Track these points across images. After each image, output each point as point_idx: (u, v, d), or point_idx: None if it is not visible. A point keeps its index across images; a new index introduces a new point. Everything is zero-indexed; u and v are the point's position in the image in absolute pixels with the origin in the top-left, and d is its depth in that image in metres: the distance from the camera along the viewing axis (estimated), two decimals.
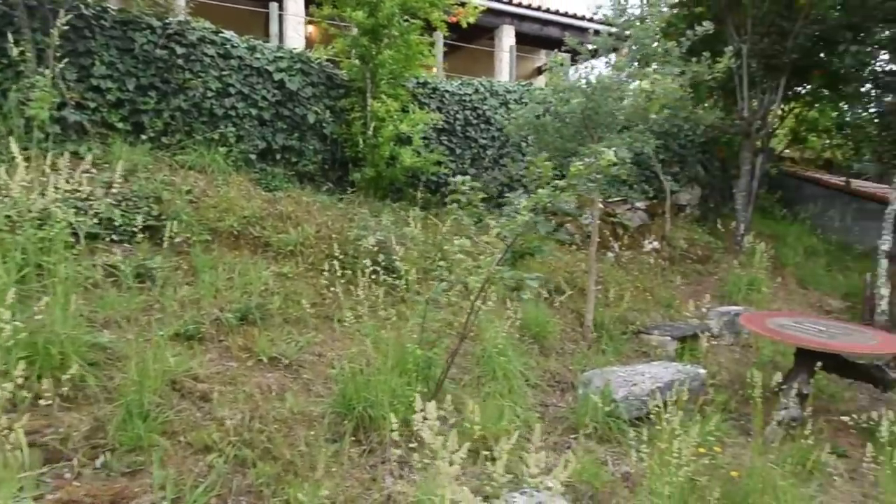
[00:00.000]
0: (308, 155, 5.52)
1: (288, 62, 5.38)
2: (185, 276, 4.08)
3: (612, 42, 4.86)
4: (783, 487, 3.35)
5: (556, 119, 4.82)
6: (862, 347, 4.32)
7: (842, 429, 4.51)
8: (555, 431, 4.04)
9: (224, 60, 5.10)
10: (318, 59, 5.58)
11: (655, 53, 4.75)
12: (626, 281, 6.74)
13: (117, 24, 4.75)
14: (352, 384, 3.46)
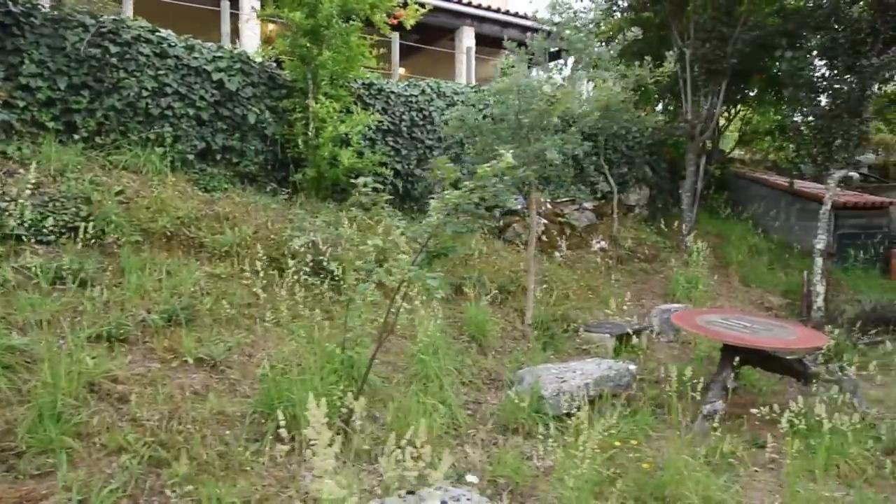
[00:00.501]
0: (249, 155, 5.51)
1: (227, 62, 5.36)
2: (113, 278, 4.04)
3: (546, 45, 4.95)
4: (696, 478, 3.48)
5: (493, 121, 4.90)
6: (780, 343, 4.50)
7: (769, 421, 4.69)
8: (483, 428, 4.13)
9: (160, 60, 5.06)
10: (260, 59, 5.57)
11: (590, 58, 4.85)
12: (572, 280, 6.88)
13: (48, 21, 4.68)
14: (275, 384, 3.49)
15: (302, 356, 3.85)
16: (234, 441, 3.21)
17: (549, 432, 3.95)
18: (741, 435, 4.57)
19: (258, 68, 5.56)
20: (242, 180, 5.54)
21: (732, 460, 4.05)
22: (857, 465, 4.10)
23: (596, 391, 4.44)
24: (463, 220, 3.08)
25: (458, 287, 5.77)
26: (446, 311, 5.49)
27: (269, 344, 4.11)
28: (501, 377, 4.84)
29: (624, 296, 7.11)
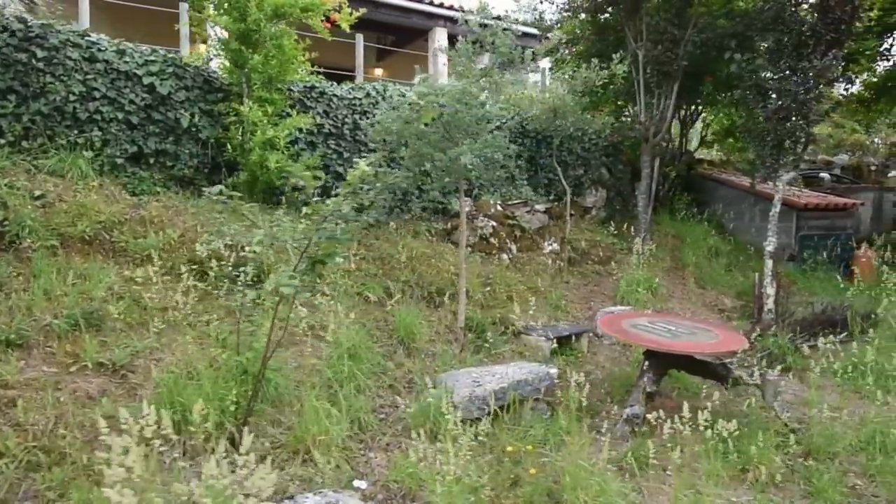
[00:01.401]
0: (184, 159, 5.53)
1: (160, 66, 5.38)
2: (23, 283, 4.07)
3: (470, 49, 4.96)
4: (595, 483, 3.49)
5: (422, 125, 4.91)
6: (698, 346, 4.50)
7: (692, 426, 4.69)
8: (391, 432, 4.14)
9: (89, 64, 5.08)
10: (194, 62, 5.59)
11: (513, 61, 4.86)
12: (518, 282, 6.88)
13: None
14: (168, 389, 3.51)
15: (208, 360, 3.88)
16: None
17: (451, 436, 3.97)
18: (662, 439, 4.60)
19: (193, 72, 5.57)
20: (178, 184, 5.56)
21: (645, 465, 4.07)
22: (770, 469, 4.11)
23: (513, 395, 4.45)
24: (340, 227, 3.09)
25: (394, 290, 5.78)
26: (378, 313, 5.52)
27: (179, 348, 4.13)
28: (424, 381, 4.85)
29: (574, 298, 7.19)
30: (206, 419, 3.48)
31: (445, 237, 7.11)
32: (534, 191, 7.91)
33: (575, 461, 3.71)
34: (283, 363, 4.31)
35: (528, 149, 7.90)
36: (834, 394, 5.45)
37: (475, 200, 7.36)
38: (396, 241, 6.40)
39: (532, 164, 7.97)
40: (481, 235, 7.06)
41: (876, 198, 11.87)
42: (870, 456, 4.25)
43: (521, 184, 7.69)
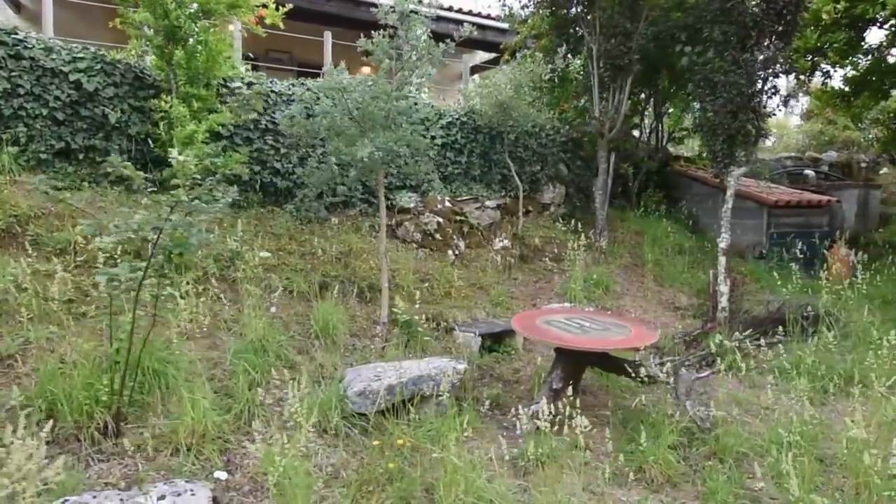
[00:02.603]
0: (114, 154, 5.60)
1: (88, 63, 5.46)
2: None
3: (387, 45, 4.94)
4: (473, 478, 3.45)
5: (331, 117, 4.91)
6: (604, 343, 4.43)
7: (599, 421, 4.63)
8: (279, 425, 4.15)
9: (15, 61, 5.18)
10: (126, 59, 5.67)
11: (430, 54, 4.83)
12: (460, 279, 6.85)
13: None
14: (47, 377, 3.57)
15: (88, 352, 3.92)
16: None
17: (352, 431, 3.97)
18: (571, 437, 4.54)
19: (123, 68, 5.65)
20: (108, 180, 5.65)
21: (540, 462, 4.01)
22: (666, 469, 4.04)
23: (412, 390, 4.42)
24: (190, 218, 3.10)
25: (323, 285, 5.79)
26: (301, 308, 5.53)
27: (78, 339, 4.19)
28: (335, 375, 4.86)
29: (520, 295, 7.13)
30: (79, 409, 3.55)
31: (390, 233, 7.10)
32: (487, 187, 7.86)
33: (457, 456, 3.66)
34: (182, 355, 4.35)
35: (481, 144, 7.85)
36: (768, 393, 5.33)
37: (423, 196, 7.34)
38: (332, 236, 6.42)
39: (485, 160, 7.91)
40: (425, 231, 7.03)
41: (861, 195, 11.55)
42: (775, 457, 4.14)
43: (470, 180, 7.64)
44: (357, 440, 4.06)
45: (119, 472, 3.37)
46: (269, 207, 6.44)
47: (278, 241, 6.00)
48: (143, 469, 3.40)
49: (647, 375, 4.68)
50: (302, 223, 6.43)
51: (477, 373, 5.54)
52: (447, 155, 7.63)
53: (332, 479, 3.69)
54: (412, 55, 4.81)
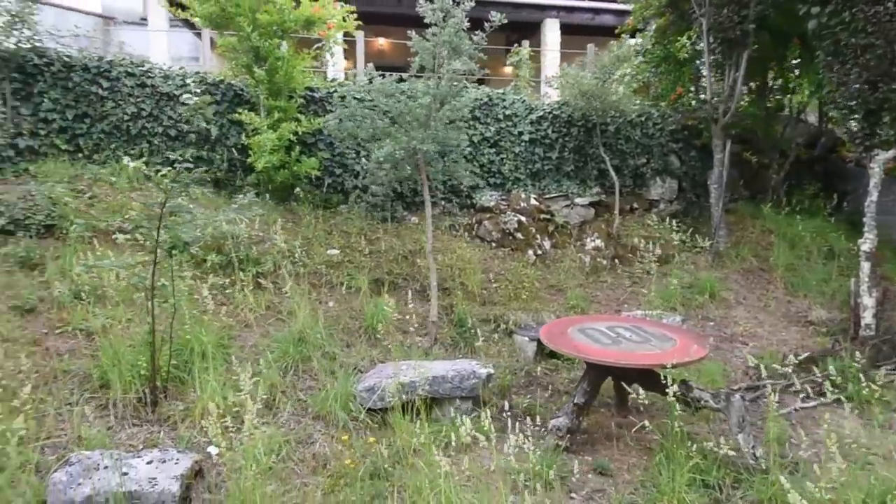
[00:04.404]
0: (217, 163, 6.45)
1: (196, 85, 6.36)
2: (58, 261, 5.25)
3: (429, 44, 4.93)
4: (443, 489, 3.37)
5: (371, 120, 5.07)
6: (632, 356, 3.91)
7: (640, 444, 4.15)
8: (299, 413, 4.38)
9: (140, 89, 6.25)
10: (225, 78, 6.48)
11: (457, 49, 4.72)
12: (538, 280, 6.52)
13: (63, 68, 6.15)
14: (106, 353, 4.27)
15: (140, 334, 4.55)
16: (53, 395, 4.05)
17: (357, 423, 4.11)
18: (593, 456, 4.12)
19: (224, 87, 6.46)
20: (215, 185, 6.51)
21: (547, 482, 3.73)
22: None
23: (427, 391, 4.36)
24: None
25: (383, 282, 5.97)
26: (356, 304, 5.75)
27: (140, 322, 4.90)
28: (368, 370, 4.99)
29: (602, 299, 6.57)
30: (125, 381, 4.17)
31: (470, 231, 7.04)
32: (582, 183, 7.37)
33: (452, 464, 3.54)
34: (236, 340, 4.87)
35: (575, 138, 7.38)
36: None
37: (507, 193, 7.14)
38: (405, 234, 6.58)
39: (580, 154, 7.42)
40: (504, 230, 6.84)
41: None
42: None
43: (563, 176, 7.23)
44: (361, 434, 4.15)
45: (143, 437, 3.89)
46: (342, 206, 6.80)
47: (348, 238, 6.34)
48: (161, 437, 3.90)
49: (695, 399, 4.03)
50: (377, 222, 6.70)
51: (525, 379, 5.26)
52: (535, 151, 7.33)
53: (320, 467, 3.83)
54: (443, 51, 4.74)
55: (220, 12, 5.89)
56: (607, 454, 4.21)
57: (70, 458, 3.34)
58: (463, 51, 4.74)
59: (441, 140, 4.82)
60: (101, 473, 3.19)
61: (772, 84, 7.86)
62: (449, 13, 4.87)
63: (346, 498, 3.46)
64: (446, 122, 4.91)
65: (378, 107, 4.95)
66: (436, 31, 4.88)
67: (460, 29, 4.71)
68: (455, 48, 4.74)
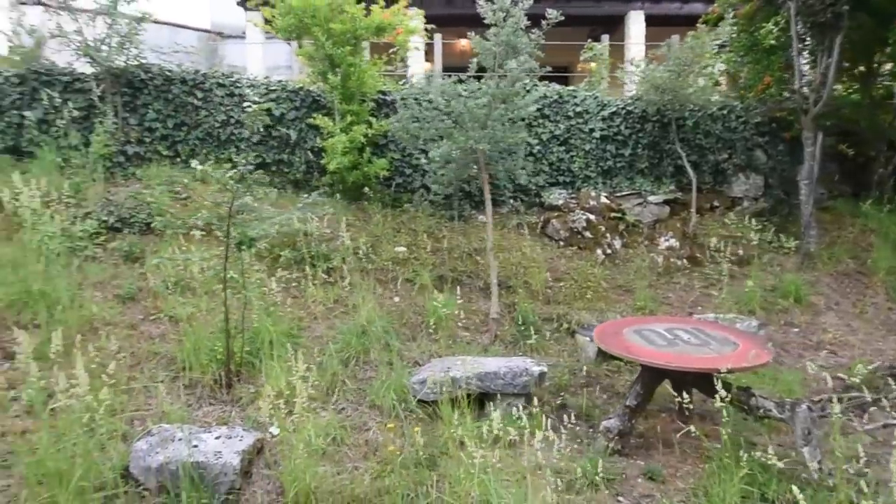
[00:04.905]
0: (296, 165, 6.89)
1: (278, 93, 6.82)
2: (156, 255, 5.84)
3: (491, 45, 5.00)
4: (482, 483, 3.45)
5: (433, 121, 5.22)
6: (679, 359, 3.77)
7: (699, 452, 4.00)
8: (357, 401, 4.60)
9: (230, 98, 6.80)
10: (304, 85, 6.90)
11: (515, 48, 4.76)
12: (605, 280, 6.37)
13: (164, 81, 6.83)
14: (188, 338, 4.72)
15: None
16: (143, 373, 4.54)
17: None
18: (646, 461, 4.02)
19: (303, 94, 6.88)
20: (294, 186, 6.96)
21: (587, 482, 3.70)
22: None
23: (478, 386, 4.43)
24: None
25: (447, 279, 6.10)
26: (419, 300, 5.91)
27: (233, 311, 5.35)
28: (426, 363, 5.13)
29: (673, 301, 6.31)
30: (203, 365, 4.59)
31: (540, 230, 7.01)
32: (656, 181, 7.11)
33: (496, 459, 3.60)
34: (305, 331, 5.20)
35: (649, 134, 7.12)
36: None
37: (577, 192, 7.04)
38: (472, 233, 6.66)
39: (655, 150, 7.15)
40: (573, 229, 6.75)
41: None
42: None
43: (636, 174, 7.02)
44: (412, 424, 4.30)
45: (216, 415, 4.27)
46: (408, 205, 7.00)
47: (415, 236, 6.53)
48: (232, 416, 4.26)
49: (757, 407, 3.82)
50: (445, 220, 6.85)
51: (584, 380, 5.19)
52: (607, 148, 7.16)
53: (371, 453, 4.02)
54: (502, 50, 4.80)
55: (298, 24, 6.28)
56: (662, 460, 4.09)
57: (151, 430, 3.75)
58: (521, 50, 4.76)
59: (499, 139, 4.87)
60: (175, 445, 3.54)
61: (878, 69, 7.16)
62: (509, 13, 4.91)
63: (391, 483, 3.61)
64: (505, 121, 4.95)
65: (438, 108, 5.08)
66: (496, 31, 4.94)
67: (518, 28, 4.73)
68: (513, 47, 4.77)
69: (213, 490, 3.41)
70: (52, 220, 5.51)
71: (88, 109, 6.64)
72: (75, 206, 6.03)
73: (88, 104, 6.61)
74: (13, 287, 4.97)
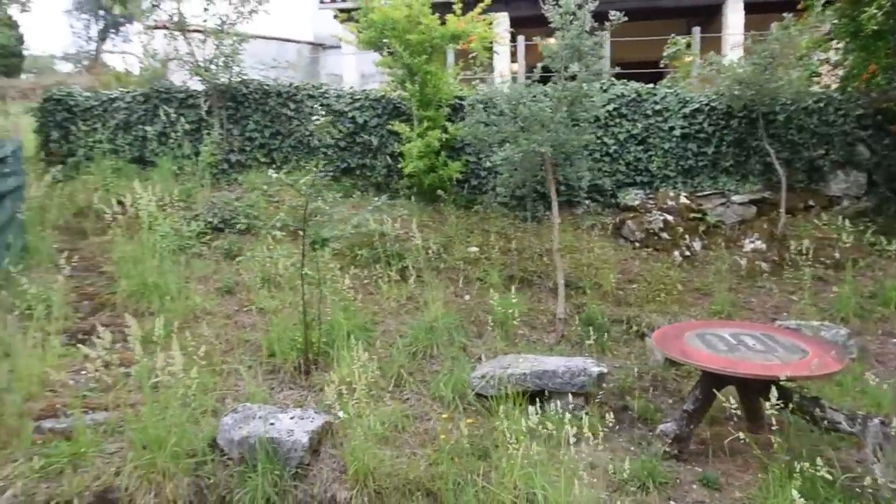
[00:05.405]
0: (378, 169, 7.31)
1: (361, 102, 7.27)
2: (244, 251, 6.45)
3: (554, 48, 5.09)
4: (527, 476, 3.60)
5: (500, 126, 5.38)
6: (736, 365, 3.66)
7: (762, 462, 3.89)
8: (420, 392, 4.84)
9: (319, 108, 7.35)
10: (385, 94, 7.30)
11: (579, 50, 4.81)
12: (682, 282, 6.18)
13: (262, 95, 7.52)
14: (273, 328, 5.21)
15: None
16: (235, 358, 5.08)
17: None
18: (704, 467, 3.96)
19: (385, 102, 7.28)
20: (376, 188, 7.39)
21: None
22: None
23: (535, 383, 4.53)
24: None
25: (517, 279, 6.21)
26: (488, 298, 6.05)
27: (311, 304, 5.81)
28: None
29: (755, 306, 6.01)
30: (284, 352, 5.06)
31: (615, 231, 6.92)
32: (742, 179, 6.78)
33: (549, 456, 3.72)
34: (379, 325, 5.56)
35: (735, 130, 6.80)
36: None
37: (655, 192, 6.88)
38: (545, 234, 6.71)
39: (741, 148, 6.81)
40: (649, 230, 6.61)
41: None
42: None
43: (721, 172, 6.74)
44: (470, 416, 4.49)
45: (294, 398, 4.70)
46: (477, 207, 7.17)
47: (487, 237, 6.70)
48: (308, 399, 4.68)
49: (826, 420, 3.64)
50: (518, 221, 6.96)
51: (650, 383, 5.12)
52: (688, 146, 6.92)
53: (429, 441, 4.26)
54: (564, 54, 4.87)
55: (378, 36, 6.68)
56: (722, 468, 3.99)
57: (237, 408, 4.23)
58: (585, 53, 4.80)
59: (562, 142, 4.93)
60: (255, 422, 3.98)
61: None
62: (575, 16, 4.97)
63: (444, 470, 3.82)
64: (569, 123, 5.00)
65: (504, 113, 5.23)
66: (562, 34, 5.01)
67: (582, 31, 4.78)
68: (577, 50, 4.82)
69: (284, 463, 3.80)
70: (165, 222, 6.29)
71: (199, 122, 7.46)
72: (185, 208, 6.81)
73: (198, 118, 7.43)
74: (134, 280, 5.74)
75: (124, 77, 11.16)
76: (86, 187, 7.34)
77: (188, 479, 3.76)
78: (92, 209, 6.76)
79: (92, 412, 4.21)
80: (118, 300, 5.67)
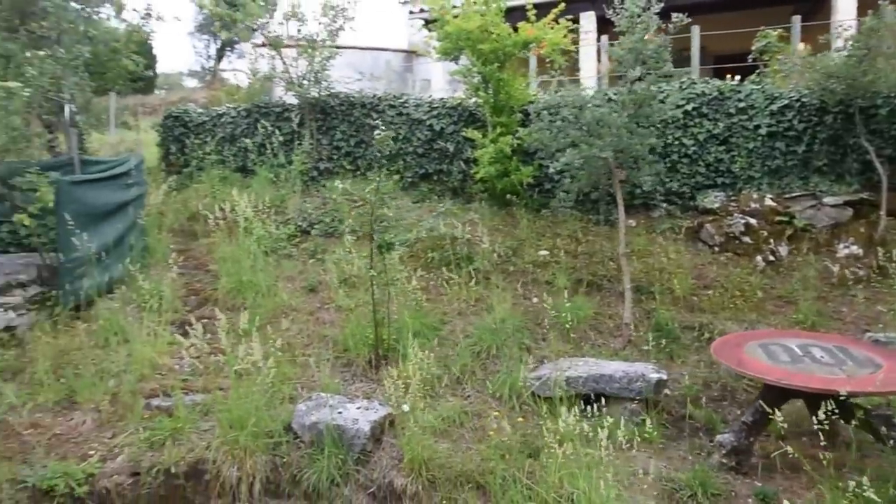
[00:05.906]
0: (454, 175, 7.57)
1: (438, 110, 7.57)
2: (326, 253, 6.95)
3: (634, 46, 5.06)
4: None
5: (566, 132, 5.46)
6: (805, 379, 3.53)
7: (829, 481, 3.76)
8: (481, 389, 5.02)
9: (399, 117, 7.74)
10: (461, 101, 7.55)
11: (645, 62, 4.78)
12: (763, 289, 5.88)
13: (348, 106, 8.05)
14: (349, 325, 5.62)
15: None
16: (314, 352, 5.55)
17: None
18: (764, 482, 3.85)
19: (461, 109, 7.54)
20: (452, 194, 7.67)
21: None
22: None
23: (592, 387, 4.57)
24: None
25: (585, 282, 6.21)
26: (556, 302, 6.07)
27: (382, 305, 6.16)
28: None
29: (845, 316, 5.61)
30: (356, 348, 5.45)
31: (693, 235, 6.69)
32: (838, 179, 6.31)
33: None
34: (447, 325, 5.83)
35: (829, 127, 6.33)
36: None
37: (737, 194, 6.58)
38: (617, 237, 6.63)
39: (836, 146, 6.33)
40: (729, 234, 6.35)
41: None
42: None
43: (812, 172, 6.34)
44: (527, 417, 4.63)
45: (364, 390, 5.07)
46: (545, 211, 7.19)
47: (558, 240, 6.74)
48: (376, 392, 5.03)
49: (889, 437, 3.44)
50: (590, 224, 6.94)
51: (718, 392, 4.99)
52: (776, 145, 6.55)
53: (485, 437, 4.46)
54: (628, 57, 4.86)
55: (454, 46, 6.94)
56: (784, 484, 3.86)
57: (311, 396, 4.67)
58: (647, 56, 4.77)
59: (625, 146, 4.93)
60: (325, 410, 4.38)
61: None
62: (640, 18, 4.95)
63: (495, 466, 4.01)
64: (633, 128, 4.99)
65: (567, 119, 5.30)
66: (626, 38, 5.01)
67: (643, 35, 4.76)
68: (640, 54, 4.80)
69: (348, 448, 4.17)
70: (260, 225, 6.95)
71: (292, 134, 8.13)
72: (278, 213, 7.47)
73: (291, 130, 8.10)
74: (232, 278, 6.42)
75: (235, 92, 12.28)
76: (197, 194, 8.24)
77: (266, 456, 4.24)
78: (200, 214, 7.61)
79: (191, 394, 4.83)
80: (219, 296, 6.37)
